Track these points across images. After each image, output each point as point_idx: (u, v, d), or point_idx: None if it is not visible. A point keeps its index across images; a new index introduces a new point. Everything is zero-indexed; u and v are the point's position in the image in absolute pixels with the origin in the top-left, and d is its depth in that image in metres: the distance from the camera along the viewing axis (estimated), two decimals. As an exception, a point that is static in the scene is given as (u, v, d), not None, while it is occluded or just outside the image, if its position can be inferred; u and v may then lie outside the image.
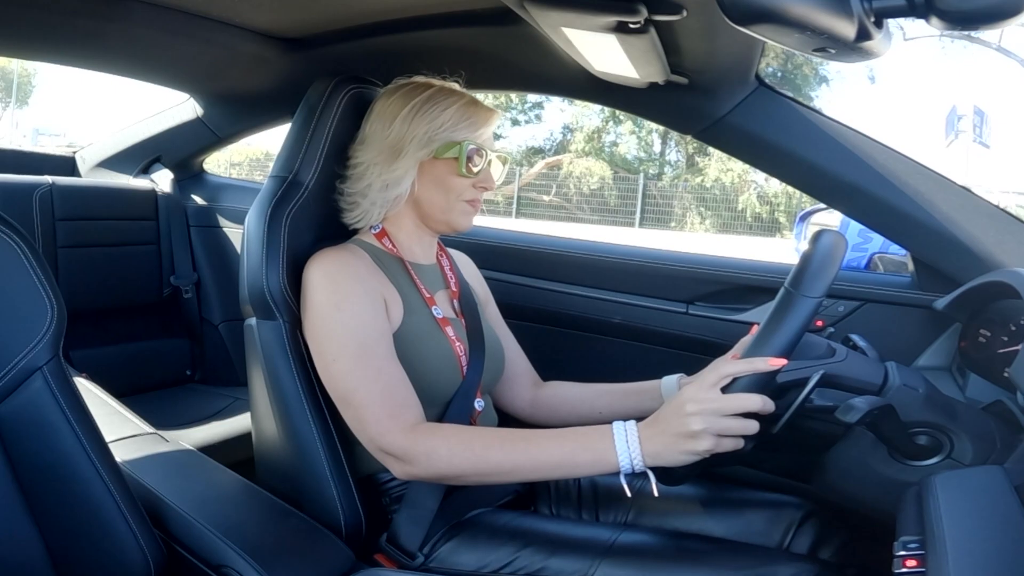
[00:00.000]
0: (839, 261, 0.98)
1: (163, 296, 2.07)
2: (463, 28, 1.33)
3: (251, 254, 1.14)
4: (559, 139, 18.29)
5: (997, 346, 1.15)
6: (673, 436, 0.93)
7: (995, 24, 0.64)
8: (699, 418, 0.91)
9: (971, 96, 18.44)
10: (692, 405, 0.92)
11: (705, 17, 0.94)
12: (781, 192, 15.67)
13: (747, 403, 0.92)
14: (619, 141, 17.52)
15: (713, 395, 0.93)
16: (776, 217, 15.90)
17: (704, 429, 0.91)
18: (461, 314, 1.24)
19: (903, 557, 0.73)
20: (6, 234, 0.88)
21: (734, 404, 0.92)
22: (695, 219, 16.34)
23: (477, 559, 1.07)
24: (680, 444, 0.93)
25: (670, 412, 0.95)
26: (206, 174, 2.23)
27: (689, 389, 0.95)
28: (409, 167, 1.15)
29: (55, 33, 1.43)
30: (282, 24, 1.48)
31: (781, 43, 0.77)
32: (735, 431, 0.93)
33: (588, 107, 17.01)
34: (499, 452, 1.00)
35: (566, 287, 1.74)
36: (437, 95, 1.16)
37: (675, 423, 0.93)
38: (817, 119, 1.31)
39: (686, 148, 17.16)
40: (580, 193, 16.79)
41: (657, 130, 17.13)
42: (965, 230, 1.26)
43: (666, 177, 17.27)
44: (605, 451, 0.96)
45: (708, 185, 16.11)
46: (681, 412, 0.93)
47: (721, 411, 0.92)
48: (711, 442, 0.92)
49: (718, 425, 0.92)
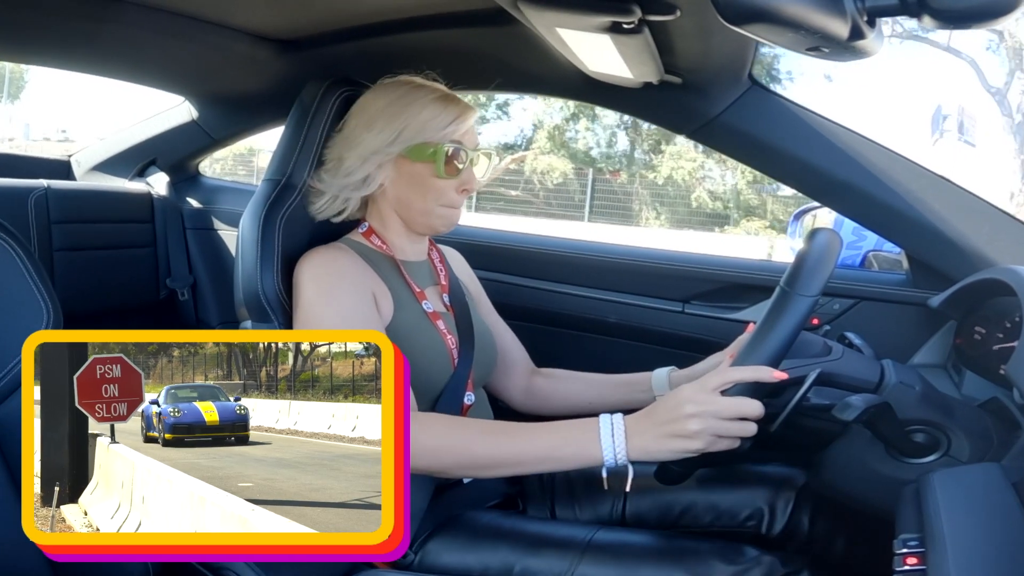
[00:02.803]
0: (835, 259, 0.98)
1: (159, 299, 2.06)
2: (457, 29, 1.33)
3: (246, 257, 1.14)
4: (530, 135, 18.45)
5: (993, 343, 1.16)
6: (666, 433, 0.93)
7: (987, 22, 0.64)
8: (698, 419, 0.91)
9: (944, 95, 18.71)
10: (692, 406, 0.92)
11: (699, 17, 0.94)
12: (730, 189, 16.13)
13: (747, 408, 0.92)
14: (577, 138, 17.74)
15: (714, 398, 0.93)
16: (728, 212, 16.37)
17: (702, 430, 0.91)
18: (451, 308, 1.24)
19: (904, 555, 0.74)
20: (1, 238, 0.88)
21: (734, 408, 0.92)
22: (651, 214, 16.67)
23: (457, 560, 1.08)
24: (672, 442, 0.93)
25: (666, 409, 0.95)
26: (202, 177, 2.22)
27: (689, 389, 0.95)
28: (380, 165, 1.15)
29: (47, 36, 1.43)
30: (276, 25, 1.47)
31: (775, 42, 0.77)
32: (733, 433, 0.93)
33: (550, 104, 17.21)
34: (482, 445, 1.00)
35: (562, 287, 1.74)
36: (410, 92, 1.16)
37: (671, 421, 0.93)
38: (810, 118, 1.31)
39: (642, 145, 17.42)
40: (545, 188, 17.02)
41: (621, 126, 17.35)
42: (959, 228, 1.26)
43: (624, 173, 17.48)
44: (589, 444, 0.96)
45: (660, 182, 16.48)
46: (679, 411, 0.93)
47: (720, 414, 0.92)
48: (706, 443, 0.92)
49: (716, 427, 0.92)
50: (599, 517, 1.25)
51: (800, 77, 16.56)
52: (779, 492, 1.20)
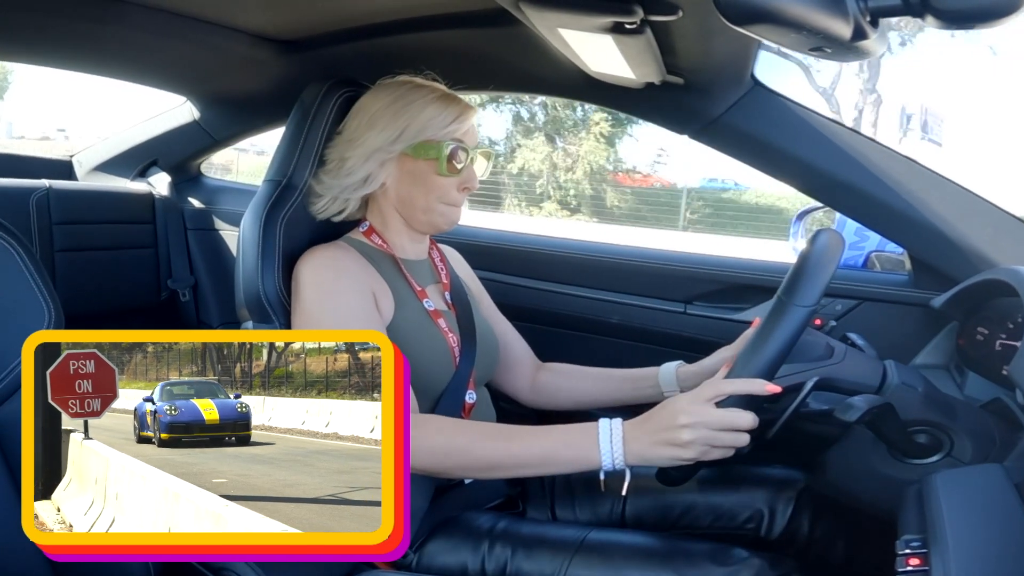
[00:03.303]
0: (835, 264, 0.98)
1: (160, 299, 2.06)
2: (458, 29, 1.33)
3: (247, 258, 1.14)
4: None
5: (995, 344, 1.16)
6: (661, 441, 0.94)
7: (991, 23, 0.64)
8: (690, 430, 0.92)
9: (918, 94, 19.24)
10: (685, 417, 0.93)
11: (701, 17, 0.94)
12: (572, 180, 16.96)
13: (739, 420, 0.93)
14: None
15: (707, 409, 0.93)
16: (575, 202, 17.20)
17: (694, 440, 0.92)
18: (453, 306, 1.24)
19: (906, 555, 0.73)
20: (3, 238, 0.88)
21: (727, 420, 0.93)
22: (513, 201, 17.36)
23: (454, 560, 1.08)
24: (666, 450, 0.95)
25: (661, 417, 0.96)
26: (203, 177, 2.22)
27: (684, 400, 0.96)
28: (381, 164, 1.16)
29: (49, 36, 1.43)
30: (277, 26, 1.47)
31: (777, 43, 0.77)
32: (725, 444, 0.94)
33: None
34: (481, 448, 1.00)
35: (564, 287, 1.74)
36: (411, 91, 1.17)
37: (665, 429, 0.94)
38: (813, 118, 1.31)
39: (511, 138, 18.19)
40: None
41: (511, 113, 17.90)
42: (962, 228, 1.26)
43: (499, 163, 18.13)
44: (588, 448, 0.97)
45: (515, 172, 17.31)
46: (673, 421, 0.94)
47: (713, 425, 0.93)
48: (698, 452, 0.93)
49: (708, 438, 0.93)
50: (599, 518, 1.25)
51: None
52: (779, 494, 1.20)
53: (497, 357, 1.31)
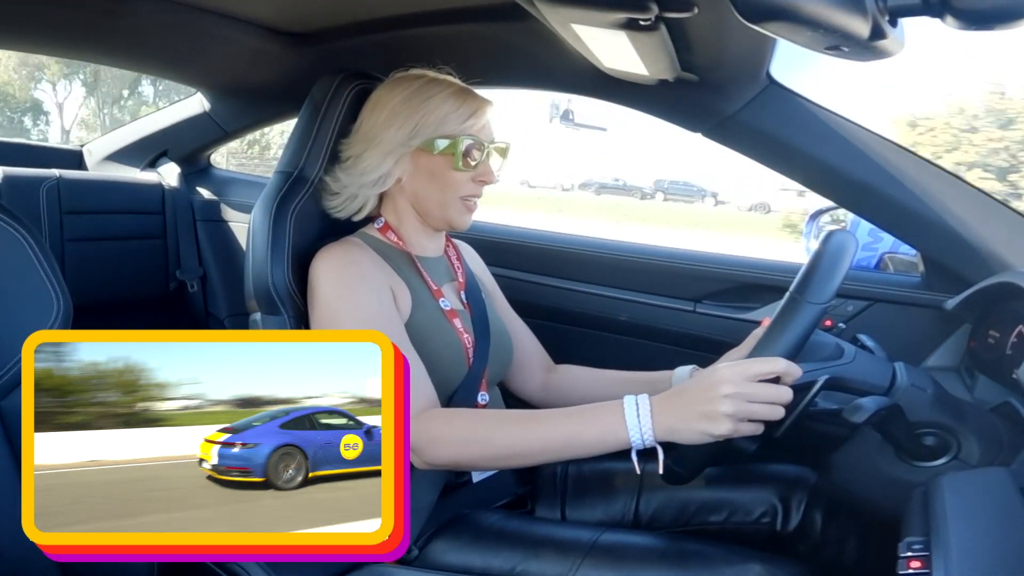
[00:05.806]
0: (847, 264, 0.97)
1: (169, 290, 2.06)
2: (470, 24, 1.32)
3: (256, 249, 1.14)
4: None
5: (1006, 347, 1.15)
6: (696, 413, 0.91)
7: (1011, 24, 0.63)
8: (731, 401, 0.89)
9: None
10: (729, 387, 0.90)
11: (716, 14, 0.93)
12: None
13: (782, 394, 0.91)
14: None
15: (751, 382, 0.90)
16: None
17: (733, 412, 0.89)
18: (468, 305, 1.24)
19: (908, 558, 0.73)
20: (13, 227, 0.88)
21: (770, 393, 0.90)
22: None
23: (460, 559, 1.07)
24: (699, 423, 0.91)
25: (699, 388, 0.92)
26: (213, 168, 2.22)
27: (726, 371, 0.92)
28: (397, 160, 1.15)
29: (64, 27, 1.43)
30: (288, 19, 1.47)
31: (793, 41, 0.76)
32: (762, 416, 0.91)
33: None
34: (505, 435, 0.99)
35: (573, 284, 1.73)
36: (427, 86, 1.16)
37: (705, 401, 0.91)
38: (828, 117, 1.30)
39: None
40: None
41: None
42: (976, 230, 1.25)
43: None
44: (615, 425, 0.94)
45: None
46: (714, 391, 0.90)
47: (755, 397, 0.90)
48: (731, 427, 0.90)
49: (746, 411, 0.90)
50: (611, 516, 1.24)
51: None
52: (792, 490, 1.18)
53: (511, 356, 1.30)
